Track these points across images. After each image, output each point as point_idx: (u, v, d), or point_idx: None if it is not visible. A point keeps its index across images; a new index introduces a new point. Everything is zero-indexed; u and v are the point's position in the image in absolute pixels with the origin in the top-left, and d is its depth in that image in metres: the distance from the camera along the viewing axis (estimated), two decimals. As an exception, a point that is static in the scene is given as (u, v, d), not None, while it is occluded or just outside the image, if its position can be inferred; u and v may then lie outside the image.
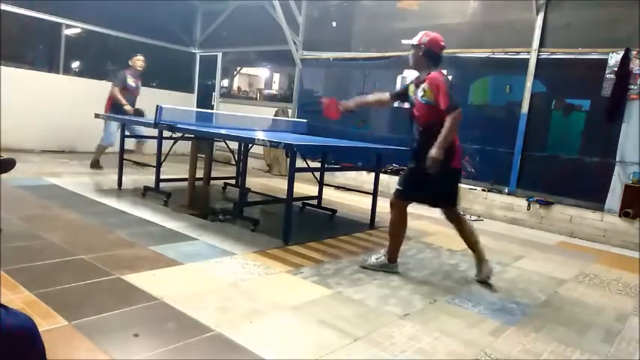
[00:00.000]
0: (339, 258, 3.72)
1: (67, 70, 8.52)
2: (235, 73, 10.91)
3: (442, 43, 3.34)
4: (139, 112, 6.57)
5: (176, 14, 9.72)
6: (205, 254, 3.42)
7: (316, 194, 5.50)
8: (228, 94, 10.39)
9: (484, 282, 3.43)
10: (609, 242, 5.34)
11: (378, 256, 3.54)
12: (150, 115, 6.60)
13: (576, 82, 5.90)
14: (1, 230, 3.31)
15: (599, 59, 5.49)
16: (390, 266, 3.48)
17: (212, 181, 6.14)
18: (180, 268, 3.10)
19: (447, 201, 3.45)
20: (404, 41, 3.44)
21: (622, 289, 3.70)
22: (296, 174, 3.91)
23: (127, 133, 5.67)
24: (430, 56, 3.29)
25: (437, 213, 6.17)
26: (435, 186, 3.26)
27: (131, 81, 6.69)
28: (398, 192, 3.39)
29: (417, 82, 3.36)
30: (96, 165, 6.69)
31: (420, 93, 3.28)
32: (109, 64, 9.38)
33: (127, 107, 6.46)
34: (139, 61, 6.76)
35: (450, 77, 3.37)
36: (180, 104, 8.34)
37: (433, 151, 3.06)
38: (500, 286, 3.44)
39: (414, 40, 3.33)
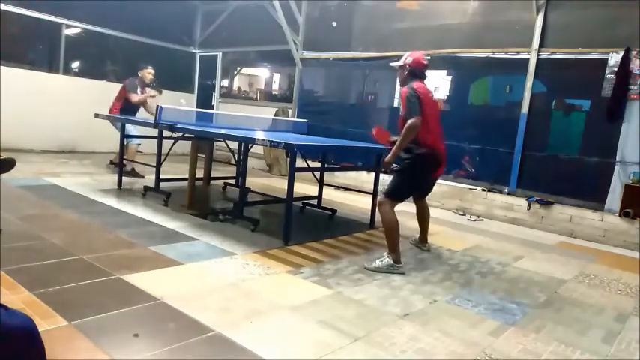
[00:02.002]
0: (339, 258, 3.72)
1: (67, 70, 8.52)
2: (235, 73, 10.91)
3: (424, 62, 3.70)
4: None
5: (176, 14, 9.72)
6: (205, 254, 3.43)
7: (316, 194, 5.50)
8: (228, 94, 10.40)
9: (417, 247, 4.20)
10: (609, 242, 5.34)
11: (382, 258, 3.54)
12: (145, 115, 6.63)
13: (576, 82, 5.90)
14: (1, 230, 3.31)
15: (599, 59, 5.48)
16: (396, 267, 3.50)
17: (212, 181, 6.15)
18: (180, 268, 3.11)
19: (423, 194, 4.19)
20: (392, 64, 3.83)
21: (622, 289, 3.70)
22: (296, 174, 3.91)
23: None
24: (414, 74, 3.65)
25: (437, 213, 6.20)
26: (420, 186, 3.89)
27: (139, 90, 6.71)
28: (389, 195, 3.60)
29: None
30: (133, 173, 6.40)
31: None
32: (108, 64, 9.39)
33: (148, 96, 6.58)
34: (149, 75, 6.82)
35: (430, 88, 3.74)
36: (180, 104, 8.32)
37: (388, 156, 3.54)
38: (500, 286, 3.44)
39: (401, 62, 3.74)
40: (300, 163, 4.88)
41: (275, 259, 3.48)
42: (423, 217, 4.26)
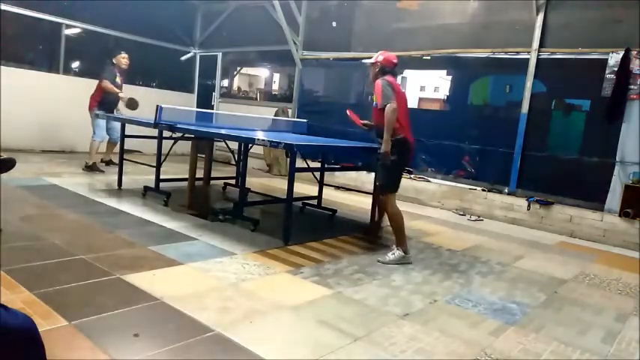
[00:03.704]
0: (339, 258, 3.72)
1: (67, 70, 8.51)
2: (235, 73, 10.91)
3: (394, 61, 3.92)
4: (133, 102, 6.46)
5: (176, 14, 9.71)
6: (205, 254, 3.42)
7: (316, 194, 5.50)
8: (228, 94, 10.40)
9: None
10: (609, 242, 5.34)
11: (393, 252, 3.75)
12: (145, 114, 6.64)
13: (576, 82, 5.90)
14: (1, 230, 3.31)
15: (599, 59, 5.48)
16: (407, 258, 3.75)
17: (212, 181, 6.15)
18: (180, 268, 3.11)
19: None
20: (364, 61, 3.99)
21: (622, 289, 3.70)
22: (296, 174, 3.91)
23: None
24: (384, 71, 3.86)
25: (437, 213, 6.20)
26: (400, 173, 3.92)
27: (117, 78, 6.68)
28: (388, 189, 3.82)
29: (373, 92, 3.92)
30: (93, 168, 6.48)
31: (373, 99, 3.84)
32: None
33: (122, 94, 6.43)
34: (124, 59, 6.76)
35: (396, 78, 4.05)
36: (180, 104, 8.33)
37: (382, 148, 3.64)
38: (500, 286, 3.44)
39: (373, 59, 3.94)
40: (300, 163, 4.88)
41: (275, 259, 3.48)
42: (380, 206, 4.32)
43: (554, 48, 5.85)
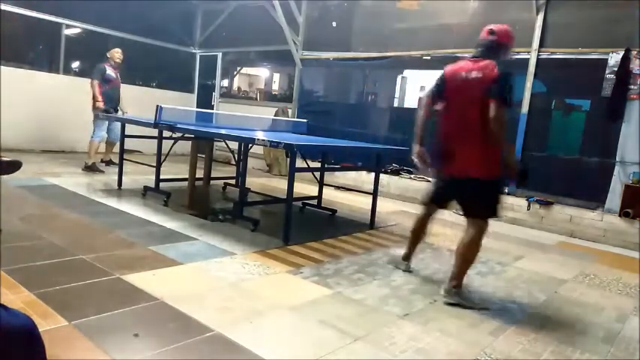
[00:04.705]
0: (339, 258, 3.72)
1: (67, 70, 8.52)
2: (235, 73, 10.91)
3: (489, 29, 3.30)
4: (107, 113, 6.47)
5: (176, 14, 9.72)
6: (205, 254, 3.42)
7: (316, 194, 5.50)
8: (228, 94, 10.40)
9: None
10: (609, 242, 5.34)
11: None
12: (145, 114, 6.64)
13: (576, 82, 5.90)
14: (1, 230, 3.31)
15: (599, 59, 5.48)
16: (400, 263, 3.58)
17: (212, 181, 6.14)
18: (180, 268, 3.11)
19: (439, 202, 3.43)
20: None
21: (622, 289, 3.70)
22: (296, 174, 3.91)
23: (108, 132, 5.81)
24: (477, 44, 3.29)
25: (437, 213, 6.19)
26: (436, 185, 3.33)
27: (111, 71, 6.66)
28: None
29: None
30: (93, 168, 6.47)
31: None
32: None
33: (100, 104, 6.41)
34: (117, 54, 6.76)
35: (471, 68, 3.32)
36: (180, 104, 8.33)
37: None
38: (500, 286, 3.44)
39: None
40: (300, 163, 4.88)
41: (275, 259, 3.48)
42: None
43: (554, 48, 5.85)
